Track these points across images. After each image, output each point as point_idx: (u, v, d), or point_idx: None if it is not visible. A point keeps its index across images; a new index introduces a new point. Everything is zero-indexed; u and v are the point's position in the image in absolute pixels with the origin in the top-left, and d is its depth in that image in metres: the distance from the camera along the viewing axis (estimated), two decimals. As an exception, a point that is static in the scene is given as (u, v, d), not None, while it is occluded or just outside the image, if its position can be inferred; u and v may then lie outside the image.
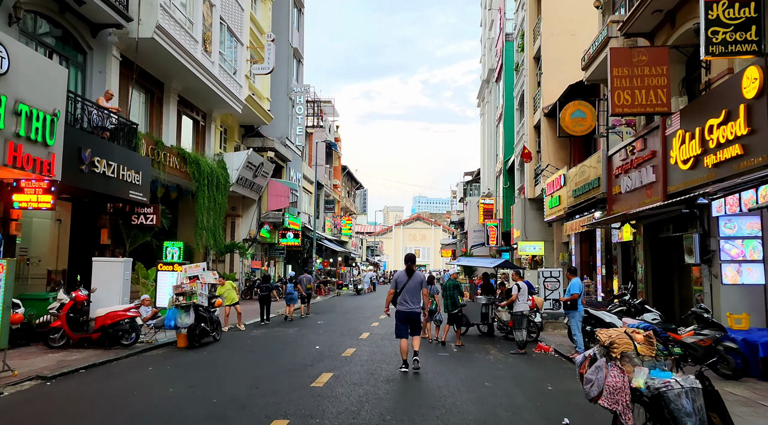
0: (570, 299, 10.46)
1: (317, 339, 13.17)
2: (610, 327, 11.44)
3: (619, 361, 4.27)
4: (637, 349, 4.24)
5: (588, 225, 16.08)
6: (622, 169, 14.45)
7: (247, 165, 23.26)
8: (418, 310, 9.16)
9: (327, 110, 47.71)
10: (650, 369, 4.11)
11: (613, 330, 4.58)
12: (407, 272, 9.28)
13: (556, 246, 25.82)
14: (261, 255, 29.61)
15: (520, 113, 30.40)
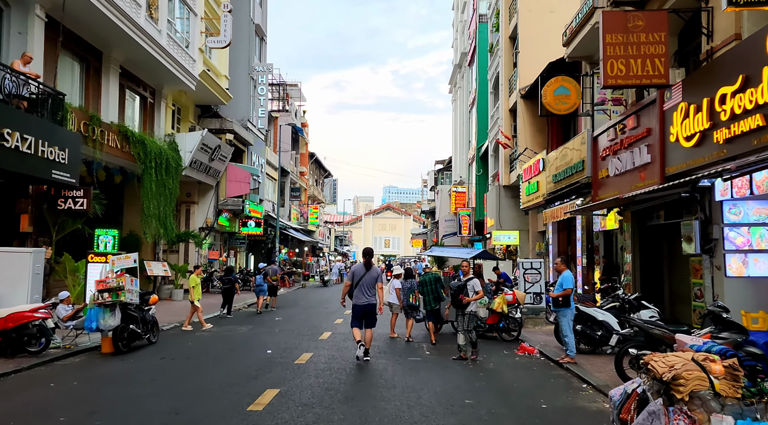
0: (563, 295, 9.11)
1: (271, 340, 11.56)
2: (604, 326, 10.19)
3: (688, 405, 2.82)
4: (714, 387, 2.80)
5: (572, 212, 14.81)
6: (610, 150, 13.16)
7: (201, 147, 21.33)
8: (374, 302, 9.40)
9: (293, 94, 45.70)
10: (736, 418, 2.68)
11: (674, 358, 3.13)
12: (365, 265, 9.51)
13: (532, 236, 24.67)
14: (220, 245, 27.71)
15: (494, 97, 29.08)
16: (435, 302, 12.07)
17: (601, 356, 9.75)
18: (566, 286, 9.16)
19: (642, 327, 7.20)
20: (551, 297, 9.19)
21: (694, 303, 10.68)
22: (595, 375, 7.99)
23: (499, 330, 12.16)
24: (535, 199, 19.85)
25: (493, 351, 10.71)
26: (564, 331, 9.03)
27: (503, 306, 11.93)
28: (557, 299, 9.08)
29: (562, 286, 9.18)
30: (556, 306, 9.10)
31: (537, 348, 10.40)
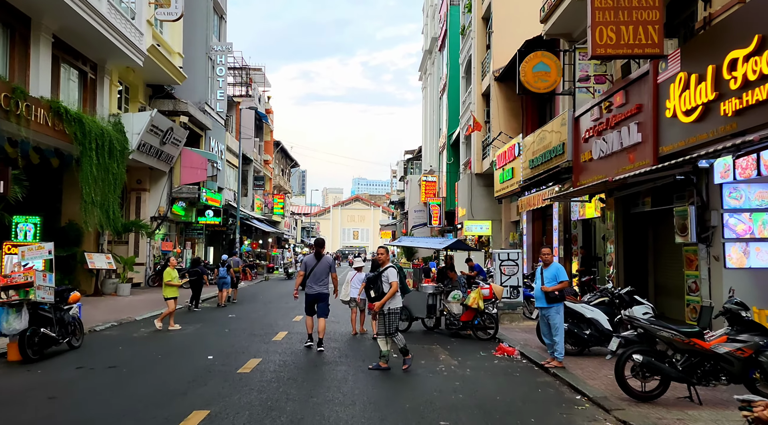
0: (558, 288, 7.93)
1: (217, 342, 10.14)
2: (593, 324, 9.08)
3: None
4: None
5: (551, 199, 13.74)
6: (594, 131, 12.10)
7: (151, 129, 19.58)
8: (325, 292, 9.55)
9: (257, 79, 43.78)
10: None
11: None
12: (316, 256, 9.68)
13: (505, 226, 23.69)
14: (175, 236, 25.94)
15: (466, 81, 27.94)
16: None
17: (589, 358, 8.65)
18: (562, 278, 8.00)
19: (648, 330, 6.07)
20: (544, 291, 7.98)
21: (688, 298, 9.70)
22: (589, 384, 6.85)
23: (474, 327, 11.00)
24: (509, 186, 18.79)
25: (468, 352, 9.52)
26: (554, 330, 7.87)
27: (479, 302, 10.77)
28: (550, 294, 7.91)
29: (556, 279, 8.01)
30: (549, 301, 7.93)
31: (517, 349, 9.25)
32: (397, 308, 7.89)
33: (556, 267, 8.16)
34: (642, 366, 5.90)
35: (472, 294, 10.88)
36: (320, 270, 9.53)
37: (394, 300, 7.81)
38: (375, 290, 7.78)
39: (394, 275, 7.76)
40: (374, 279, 7.83)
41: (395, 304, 7.86)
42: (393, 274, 7.76)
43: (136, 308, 15.26)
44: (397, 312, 7.89)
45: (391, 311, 7.79)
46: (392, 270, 7.79)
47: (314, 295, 9.47)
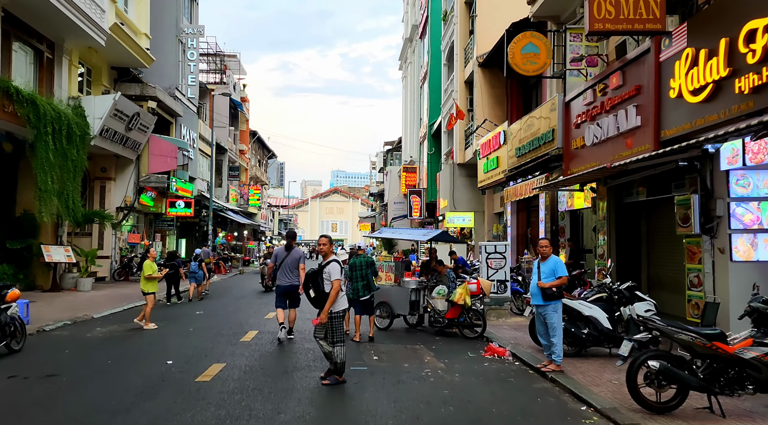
0: (557, 284, 7.17)
1: (178, 343, 9.19)
2: (591, 323, 8.36)
3: None
4: None
5: (541, 189, 13.01)
6: (587, 115, 11.37)
7: (114, 113, 18.36)
8: (296, 283, 9.40)
9: (232, 66, 42.40)
10: None
11: None
12: (286, 248, 9.73)
13: (488, 217, 23.01)
14: (144, 227, 24.71)
15: (448, 69, 27.13)
16: (364, 290, 9.83)
17: (588, 360, 7.93)
18: (561, 274, 7.24)
19: (665, 332, 5.31)
20: (540, 287, 7.23)
21: (690, 293, 9.02)
22: (594, 392, 6.11)
23: (460, 325, 10.23)
24: (494, 176, 18.06)
25: (455, 353, 8.74)
26: (553, 331, 7.10)
27: (465, 298, 9.99)
28: (547, 290, 7.14)
29: (555, 274, 7.25)
30: (546, 299, 7.17)
31: (508, 350, 8.49)
32: (341, 311, 6.63)
33: (555, 262, 7.39)
34: (658, 373, 5.16)
35: (458, 290, 10.10)
36: (290, 262, 9.55)
37: (338, 302, 6.54)
38: (314, 289, 6.52)
39: (336, 271, 6.47)
40: (314, 275, 6.53)
41: (340, 306, 6.60)
42: (335, 271, 6.47)
43: (96, 304, 14.17)
44: (341, 316, 6.63)
45: (334, 315, 6.55)
46: (335, 266, 6.50)
47: (285, 286, 9.53)
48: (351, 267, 10.13)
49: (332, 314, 6.48)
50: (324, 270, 6.50)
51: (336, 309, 6.52)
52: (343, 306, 6.66)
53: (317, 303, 6.48)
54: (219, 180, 37.10)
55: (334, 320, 6.52)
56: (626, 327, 8.11)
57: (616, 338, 7.93)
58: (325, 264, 6.55)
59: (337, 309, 6.53)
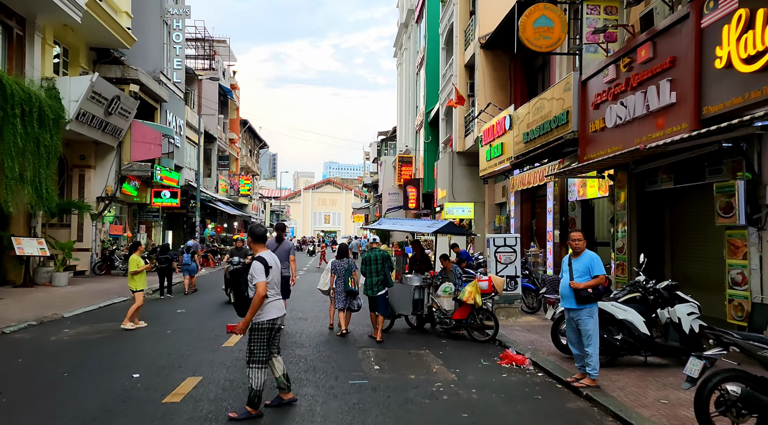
0: (593, 285, 6.12)
1: (151, 349, 8.08)
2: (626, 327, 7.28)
3: None
4: None
5: (555, 175, 11.93)
6: (608, 94, 10.29)
7: (92, 96, 17.11)
8: (286, 274, 9.23)
9: (222, 52, 41.00)
10: None
11: None
12: (276, 240, 9.89)
13: (489, 208, 21.96)
14: (127, 218, 23.47)
15: (446, 53, 25.95)
16: (380, 286, 9.17)
17: (624, 371, 6.89)
18: (597, 272, 6.16)
19: (746, 348, 4.25)
20: (573, 288, 6.14)
21: (731, 292, 7.99)
22: (644, 416, 5.06)
23: (469, 327, 9.17)
24: (498, 164, 16.97)
25: (467, 360, 7.68)
26: (588, 340, 6.04)
27: (476, 297, 8.93)
28: (581, 292, 6.07)
29: (590, 272, 6.17)
30: (581, 302, 6.09)
31: (528, 357, 7.43)
32: (267, 322, 5.09)
33: (590, 258, 6.29)
34: (740, 400, 4.10)
35: (467, 288, 9.03)
36: (280, 253, 9.31)
37: (263, 310, 5.07)
38: (235, 294, 5.22)
39: (260, 272, 4.97)
40: (235, 275, 5.21)
41: (264, 316, 5.08)
42: (258, 271, 4.98)
43: (70, 301, 13.02)
44: (265, 329, 5.09)
45: (256, 326, 5.10)
46: (257, 266, 5.01)
47: None
48: (364, 261, 9.41)
49: (253, 325, 5.10)
50: (249, 272, 5.08)
51: (259, 319, 5.06)
52: (270, 316, 5.10)
53: (238, 309, 5.20)
54: (208, 169, 35.83)
55: (253, 333, 5.10)
56: (663, 333, 7.07)
57: (655, 345, 6.89)
58: (250, 263, 5.18)
59: (260, 319, 5.06)
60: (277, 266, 5.26)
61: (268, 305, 5.10)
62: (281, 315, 5.24)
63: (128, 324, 9.70)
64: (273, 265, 5.15)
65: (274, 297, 5.16)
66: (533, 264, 15.17)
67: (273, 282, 5.14)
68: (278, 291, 5.25)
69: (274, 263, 5.19)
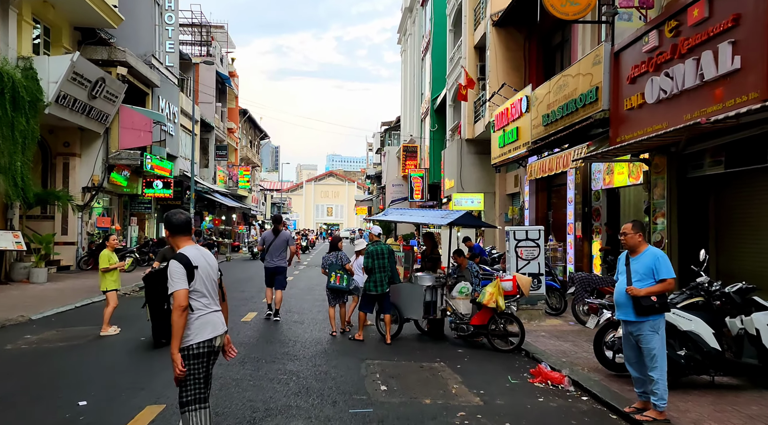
0: (660, 291, 4.86)
1: (113, 364, 6.83)
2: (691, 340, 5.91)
3: None
4: None
5: (584, 159, 10.54)
6: (649, 65, 8.93)
7: (73, 77, 15.83)
8: (282, 265, 9.99)
9: (219, 38, 39.62)
10: None
11: None
12: (274, 232, 10.19)
13: (500, 199, 20.66)
14: (117, 210, 22.24)
15: (454, 35, 24.56)
16: (387, 285, 8.21)
17: (689, 393, 5.60)
18: (665, 275, 4.87)
19: None
20: (632, 295, 4.86)
21: (807, 295, 6.71)
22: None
23: (490, 334, 7.88)
24: (513, 150, 15.64)
25: (491, 376, 6.41)
26: (652, 361, 4.76)
27: (498, 299, 7.64)
28: (642, 300, 4.79)
29: (654, 273, 4.88)
30: (641, 312, 4.82)
31: (566, 375, 6.14)
32: (194, 345, 3.53)
33: (654, 257, 4.97)
34: None
35: (488, 289, 7.74)
36: (278, 244, 10.05)
37: (190, 330, 3.53)
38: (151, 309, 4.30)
39: (178, 277, 3.47)
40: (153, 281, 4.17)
41: (194, 337, 3.53)
42: (177, 275, 3.48)
43: (44, 301, 11.80)
44: (199, 355, 3.55)
45: (184, 353, 3.53)
46: (175, 268, 3.50)
47: (272, 268, 10.04)
48: (371, 255, 8.24)
49: (184, 352, 3.50)
50: None
51: (188, 341, 3.49)
52: (204, 337, 3.54)
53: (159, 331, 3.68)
54: (205, 160, 34.58)
55: (186, 361, 3.50)
56: (734, 347, 5.77)
57: (727, 363, 5.60)
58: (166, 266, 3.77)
59: (189, 341, 3.49)
60: (211, 266, 3.70)
61: (197, 321, 3.52)
62: (220, 333, 3.65)
63: (109, 331, 8.44)
64: (202, 264, 3.58)
65: (205, 309, 3.56)
66: (551, 260, 13.89)
67: (205, 288, 3.57)
68: (214, 300, 3.67)
69: (203, 261, 3.60)
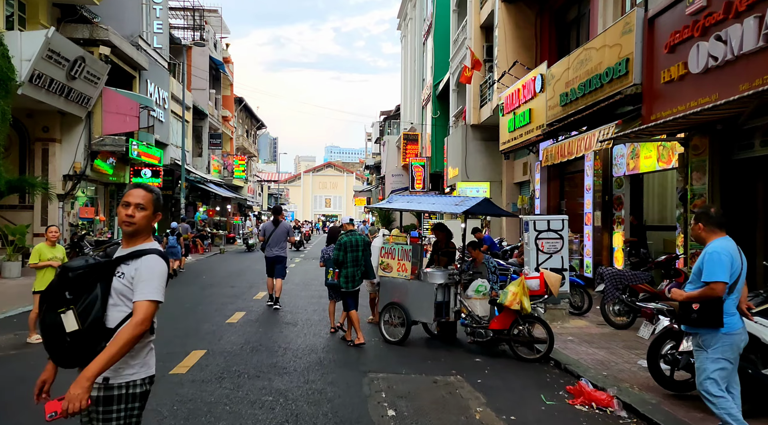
0: (699, 297, 3.90)
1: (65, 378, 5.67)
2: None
3: None
4: None
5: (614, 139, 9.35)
6: (694, 29, 7.76)
7: (48, 55, 14.60)
8: (282, 255, 10.36)
9: (213, 23, 38.29)
10: None
11: None
12: (274, 222, 10.65)
13: (507, 188, 19.55)
14: (103, 200, 21.06)
15: (458, 15, 23.34)
16: (359, 280, 7.52)
17: (771, 422, 4.48)
18: (707, 277, 3.88)
19: None
20: (678, 299, 3.87)
21: None
22: None
23: (512, 340, 6.75)
24: (525, 134, 14.46)
25: (518, 394, 5.32)
26: (703, 382, 3.71)
27: (522, 300, 6.51)
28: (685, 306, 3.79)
29: (708, 273, 3.89)
30: (685, 321, 3.80)
31: (615, 395, 5.02)
32: (139, 381, 2.45)
33: (704, 253, 4.02)
34: None
35: (511, 289, 6.60)
36: (277, 235, 10.40)
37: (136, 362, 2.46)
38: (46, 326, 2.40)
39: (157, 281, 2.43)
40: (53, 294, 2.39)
41: (140, 371, 2.47)
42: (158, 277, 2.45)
43: (11, 298, 10.70)
44: (140, 395, 2.47)
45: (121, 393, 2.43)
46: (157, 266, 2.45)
47: (273, 258, 10.33)
48: (343, 247, 7.30)
49: (117, 391, 2.42)
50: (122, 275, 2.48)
51: (132, 376, 2.45)
52: (152, 371, 2.55)
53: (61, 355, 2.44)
54: (199, 148, 33.34)
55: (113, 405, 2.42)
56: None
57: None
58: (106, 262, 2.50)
59: (133, 376, 2.45)
60: None
61: (149, 349, 2.55)
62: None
63: (33, 337, 7.29)
64: None
65: (152, 337, 2.58)
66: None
67: None
68: None
69: None
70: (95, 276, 2.43)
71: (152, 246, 2.55)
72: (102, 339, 2.40)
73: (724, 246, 4.00)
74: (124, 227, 2.53)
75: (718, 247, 3.99)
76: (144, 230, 2.55)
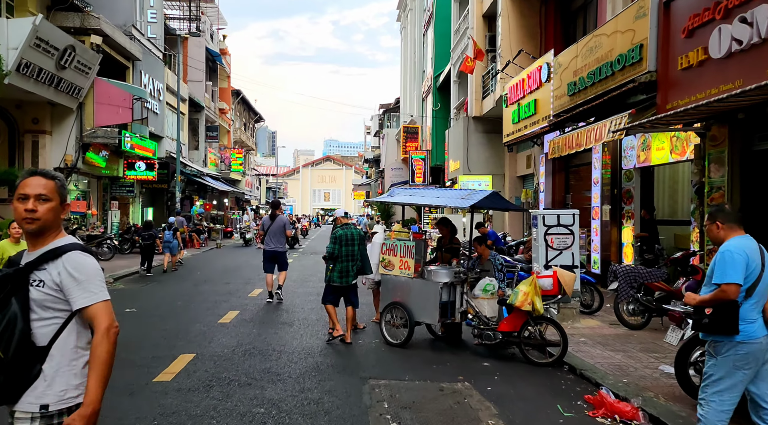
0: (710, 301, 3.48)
1: None
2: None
3: None
4: None
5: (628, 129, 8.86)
6: (714, 11, 7.29)
7: (36, 44, 14.06)
8: (281, 250, 10.32)
9: (210, 13, 37.65)
10: None
11: None
12: (271, 217, 10.55)
13: (509, 182, 19.11)
14: (96, 193, 20.58)
15: (460, 4, 22.82)
16: (355, 275, 7.23)
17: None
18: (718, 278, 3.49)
19: None
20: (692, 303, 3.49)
21: None
22: None
23: (523, 342, 6.31)
24: (530, 125, 14.00)
25: (533, 405, 4.89)
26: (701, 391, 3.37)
27: (534, 301, 6.07)
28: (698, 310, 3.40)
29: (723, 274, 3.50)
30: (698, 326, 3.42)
31: (640, 407, 4.58)
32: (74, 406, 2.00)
33: (718, 254, 3.56)
34: None
35: (521, 288, 6.16)
36: (275, 229, 10.32)
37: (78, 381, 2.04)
38: None
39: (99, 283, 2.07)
40: None
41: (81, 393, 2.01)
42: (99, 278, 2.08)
43: None
44: None
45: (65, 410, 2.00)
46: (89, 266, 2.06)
47: (271, 252, 10.24)
48: (338, 240, 7.01)
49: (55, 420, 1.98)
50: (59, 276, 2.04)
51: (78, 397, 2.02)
52: None
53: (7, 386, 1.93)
54: (195, 141, 32.82)
55: None
56: None
57: None
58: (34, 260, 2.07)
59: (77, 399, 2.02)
60: None
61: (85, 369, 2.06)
62: None
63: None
64: None
65: None
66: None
67: None
68: None
69: None
70: (6, 290, 1.98)
71: (67, 241, 2.12)
72: (36, 361, 1.95)
73: (738, 245, 3.56)
74: (25, 226, 2.07)
75: (731, 246, 3.56)
76: (52, 225, 2.11)
